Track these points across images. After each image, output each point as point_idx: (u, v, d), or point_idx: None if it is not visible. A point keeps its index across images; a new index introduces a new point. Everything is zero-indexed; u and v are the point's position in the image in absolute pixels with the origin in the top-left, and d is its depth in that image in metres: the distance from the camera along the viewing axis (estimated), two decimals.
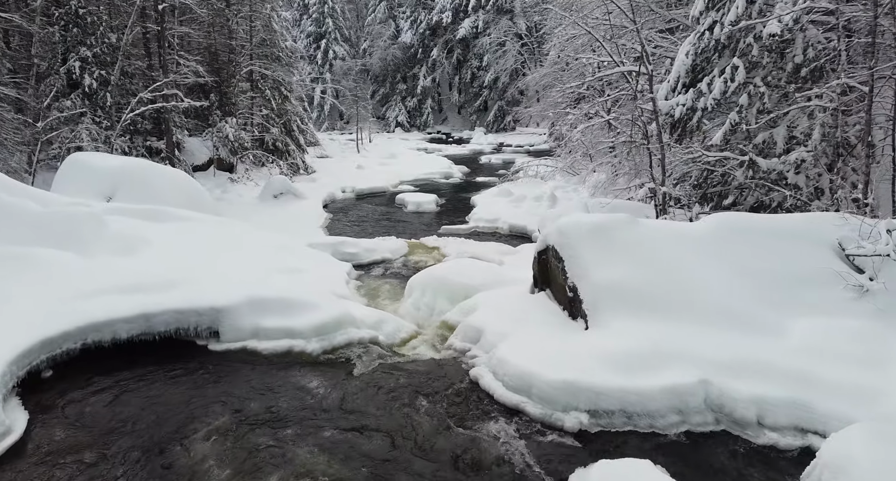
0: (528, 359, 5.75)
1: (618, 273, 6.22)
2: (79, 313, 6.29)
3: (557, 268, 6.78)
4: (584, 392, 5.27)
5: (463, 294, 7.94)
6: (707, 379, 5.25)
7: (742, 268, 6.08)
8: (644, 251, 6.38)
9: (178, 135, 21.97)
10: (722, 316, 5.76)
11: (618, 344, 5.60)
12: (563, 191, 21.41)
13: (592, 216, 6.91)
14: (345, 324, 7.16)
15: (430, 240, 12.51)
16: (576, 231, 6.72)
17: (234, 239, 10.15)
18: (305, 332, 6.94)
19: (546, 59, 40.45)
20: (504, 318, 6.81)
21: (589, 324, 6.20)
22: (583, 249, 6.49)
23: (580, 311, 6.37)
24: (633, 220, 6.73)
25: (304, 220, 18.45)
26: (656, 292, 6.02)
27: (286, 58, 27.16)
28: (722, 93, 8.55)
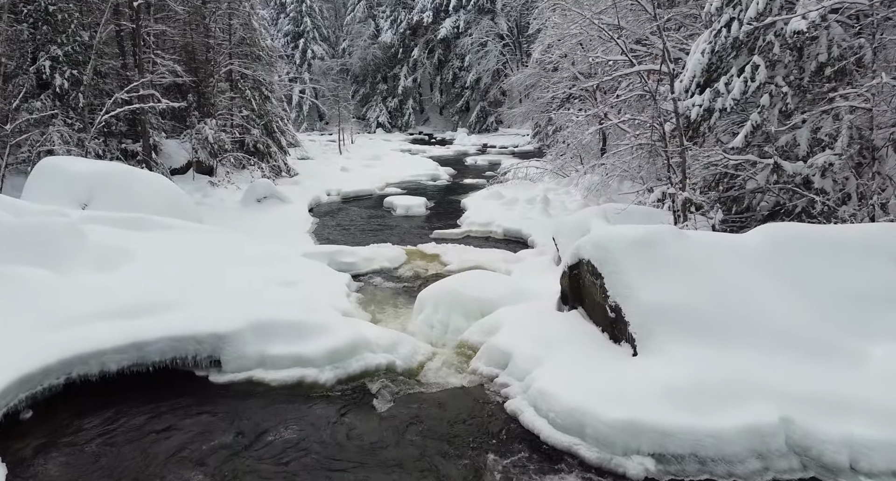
0: (575, 391, 5.15)
1: (669, 292, 5.64)
2: (61, 344, 5.55)
3: (594, 286, 6.23)
4: (647, 432, 4.66)
5: (478, 309, 7.38)
6: (788, 417, 4.66)
7: (804, 286, 5.56)
8: (695, 267, 5.82)
9: (155, 137, 21.06)
10: (791, 341, 5.21)
11: (678, 374, 5.01)
12: (554, 193, 21.01)
13: (634, 228, 6.31)
14: (360, 349, 6.51)
15: (428, 247, 11.94)
16: (617, 245, 6.08)
17: (224, 249, 9.47)
18: (317, 360, 6.27)
19: (530, 60, 40.17)
20: (534, 340, 6.23)
21: (637, 350, 5.60)
22: (626, 265, 5.90)
23: (625, 334, 5.78)
24: (679, 233, 6.19)
25: (291, 226, 17.74)
26: (714, 314, 5.45)
27: (266, 57, 26.33)
28: (742, 93, 8.15)
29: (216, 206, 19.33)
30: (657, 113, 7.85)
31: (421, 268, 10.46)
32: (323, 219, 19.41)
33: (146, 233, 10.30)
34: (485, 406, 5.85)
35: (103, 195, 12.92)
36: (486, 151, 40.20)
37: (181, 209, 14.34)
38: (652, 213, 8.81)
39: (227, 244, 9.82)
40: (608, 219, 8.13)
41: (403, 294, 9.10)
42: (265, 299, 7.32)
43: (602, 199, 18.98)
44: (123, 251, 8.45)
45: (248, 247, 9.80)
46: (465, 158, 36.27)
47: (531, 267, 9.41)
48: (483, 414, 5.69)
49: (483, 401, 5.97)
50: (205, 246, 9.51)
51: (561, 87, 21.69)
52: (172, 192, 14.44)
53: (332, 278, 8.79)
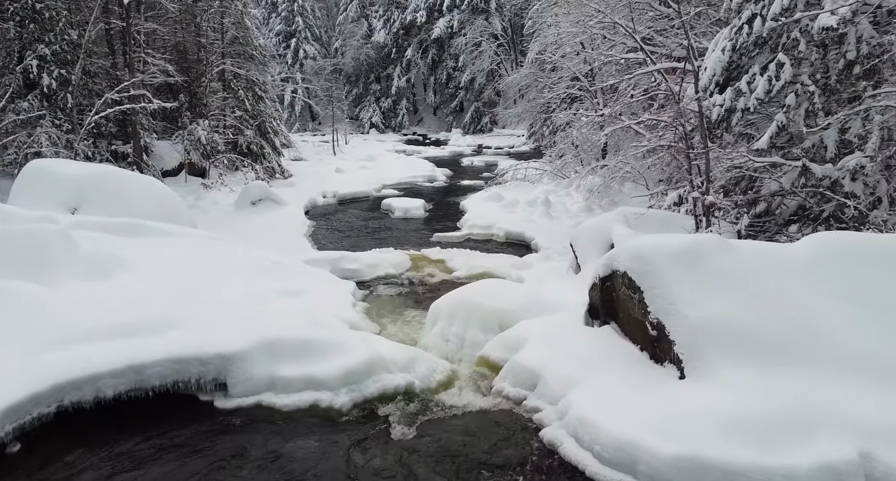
0: (621, 420, 4.67)
1: (719, 308, 5.13)
2: (52, 368, 5.04)
3: (631, 300, 5.75)
4: (710, 470, 4.10)
5: (497, 322, 6.96)
6: (868, 453, 4.11)
7: (870, 302, 5.06)
8: (746, 281, 5.34)
9: (146, 138, 20.53)
10: (863, 363, 4.70)
11: (737, 401, 4.49)
12: (555, 195, 20.66)
13: (675, 238, 5.85)
14: (376, 369, 6.02)
15: (433, 252, 11.52)
16: (657, 256, 5.55)
17: (223, 256, 9.03)
18: (332, 382, 5.78)
19: (525, 60, 39.84)
20: (564, 358, 5.77)
21: (685, 372, 5.10)
22: (668, 278, 5.39)
23: (669, 354, 5.30)
24: (725, 243, 5.73)
25: (287, 229, 17.28)
26: (772, 333, 4.96)
27: (260, 56, 25.82)
28: (766, 92, 7.80)
29: (210, 209, 18.84)
30: (679, 113, 7.48)
31: (427, 274, 10.04)
32: (320, 222, 18.96)
33: (140, 239, 9.84)
34: (516, 434, 5.37)
35: (93, 199, 12.42)
36: (482, 152, 39.85)
37: (174, 213, 13.85)
38: (670, 218, 8.44)
39: (225, 251, 9.37)
40: (629, 225, 7.75)
41: (411, 302, 8.68)
42: (270, 312, 6.88)
43: (604, 201, 18.67)
44: (117, 260, 7.99)
45: (247, 254, 9.35)
46: (461, 159, 35.90)
47: (544, 274, 8.98)
48: (515, 443, 5.21)
49: (513, 428, 5.49)
50: (202, 253, 9.06)
51: (561, 87, 21.34)
52: (165, 195, 13.95)
53: (336, 287, 8.36)
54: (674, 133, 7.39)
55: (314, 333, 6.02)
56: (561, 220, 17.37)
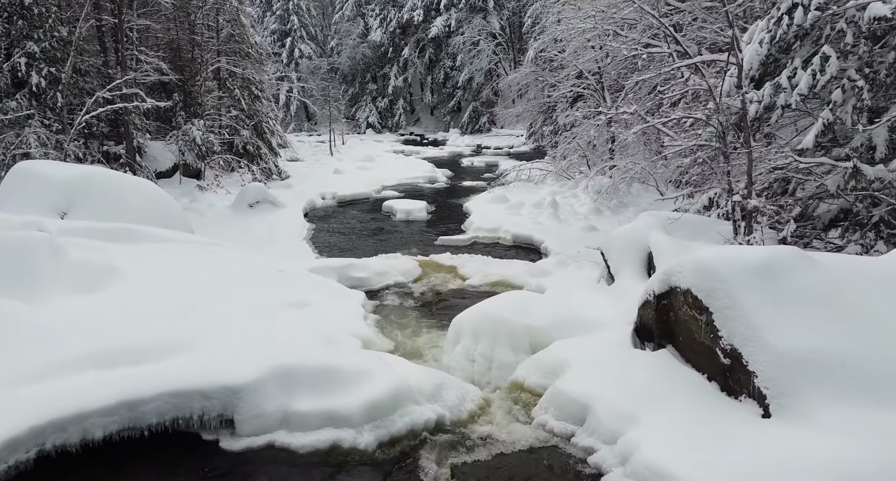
0: (703, 470, 3.89)
1: (810, 334, 4.43)
2: (32, 406, 4.32)
3: (696, 322, 5.06)
4: None
5: (528, 340, 6.35)
6: None
7: None
8: (835, 301, 4.64)
9: (139, 138, 19.87)
10: None
11: (846, 448, 3.68)
12: (561, 196, 20.12)
13: (749, 250, 5.19)
14: (403, 401, 5.31)
15: (443, 258, 10.93)
16: (730, 272, 4.82)
17: (223, 264, 8.44)
18: (354, 417, 5.07)
19: (525, 59, 39.30)
20: (616, 388, 5.10)
21: (771, 410, 4.36)
22: (744, 298, 4.68)
23: (748, 388, 4.57)
24: (807, 256, 5.05)
25: (286, 232, 16.68)
26: (875, 364, 4.21)
27: (256, 55, 25.19)
28: (809, 87, 7.26)
29: (206, 212, 18.21)
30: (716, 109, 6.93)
31: (438, 282, 9.44)
32: (320, 225, 18.36)
33: (133, 245, 9.23)
34: (568, 478, 4.69)
35: (84, 202, 11.79)
36: (481, 152, 39.31)
37: (169, 217, 13.23)
38: (703, 223, 7.86)
39: (225, 258, 8.78)
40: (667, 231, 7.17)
41: (425, 314, 8.07)
42: (277, 328, 6.29)
43: (613, 202, 18.15)
44: (109, 269, 7.39)
45: (248, 261, 8.76)
46: (461, 160, 35.34)
47: (567, 283, 8.38)
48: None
49: (564, 471, 4.78)
50: (201, 261, 8.46)
51: (567, 86, 20.80)
52: (159, 198, 13.33)
53: (344, 297, 7.77)
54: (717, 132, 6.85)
55: (332, 359, 5.33)
56: (569, 223, 16.83)
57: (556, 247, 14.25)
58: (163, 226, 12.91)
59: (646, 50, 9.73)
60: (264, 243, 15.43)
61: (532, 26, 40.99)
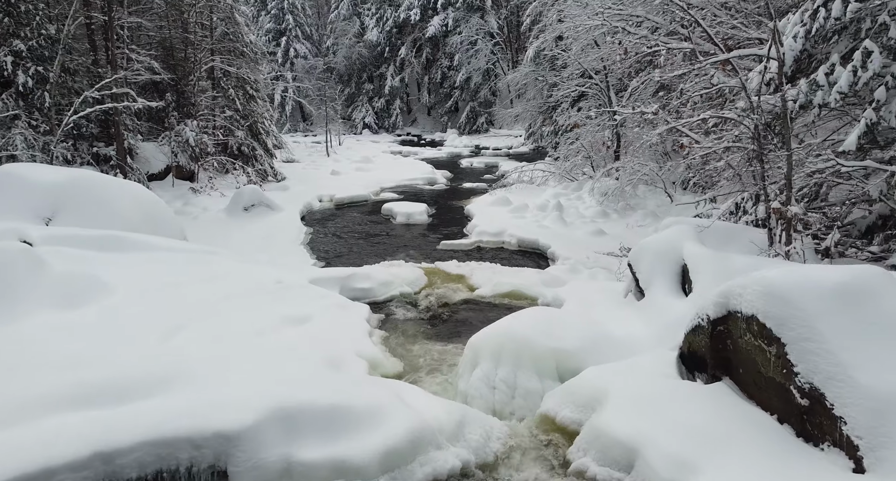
0: None
1: None
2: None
3: (762, 353, 4.36)
4: None
5: (554, 364, 5.75)
6: None
7: None
8: None
9: (131, 139, 19.26)
10: None
11: None
12: (565, 198, 19.64)
13: (826, 271, 4.48)
14: (423, 445, 4.60)
15: (450, 266, 10.37)
16: (806, 295, 4.11)
17: (217, 276, 7.89)
18: (368, 467, 4.33)
19: (524, 58, 38.79)
20: (668, 428, 4.37)
21: (865, 464, 3.67)
22: (825, 327, 3.98)
23: (834, 436, 3.90)
24: (893, 277, 4.41)
25: (283, 237, 16.13)
26: None
27: (251, 53, 24.60)
28: (850, 84, 6.76)
29: (199, 216, 17.64)
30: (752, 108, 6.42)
31: (446, 292, 8.89)
32: (317, 229, 17.81)
33: (122, 254, 8.67)
34: None
35: (70, 208, 11.18)
36: (480, 153, 38.80)
37: (161, 222, 12.65)
38: (733, 231, 7.26)
39: (220, 268, 8.23)
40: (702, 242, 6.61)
41: (435, 329, 7.51)
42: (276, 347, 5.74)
43: (620, 205, 17.67)
44: (94, 283, 6.83)
45: (245, 271, 8.22)
46: (460, 161, 34.81)
47: (586, 294, 7.78)
48: None
49: None
50: (194, 272, 7.91)
51: (571, 85, 20.31)
52: (150, 203, 12.74)
53: (347, 311, 7.23)
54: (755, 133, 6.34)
55: (341, 397, 4.59)
56: (575, 226, 16.34)
57: (564, 252, 13.75)
58: (154, 232, 12.34)
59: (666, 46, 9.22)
60: (260, 249, 14.89)
61: (531, 25, 40.49)
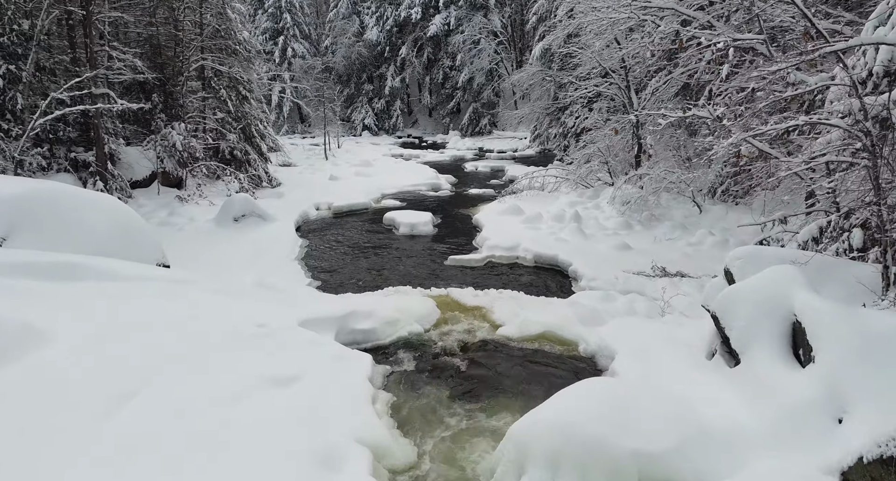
0: None
1: None
2: None
3: None
4: None
5: (636, 475, 4.15)
6: None
7: None
8: None
9: (112, 144, 17.81)
10: None
11: None
12: (582, 207, 18.18)
13: None
14: None
15: (465, 294, 8.87)
16: None
17: (187, 316, 6.46)
18: None
19: (531, 56, 37.38)
20: None
21: None
22: None
23: None
24: None
25: (275, 252, 14.68)
26: None
27: (244, 52, 23.16)
28: None
29: (185, 227, 16.19)
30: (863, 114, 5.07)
31: (464, 331, 7.38)
32: (313, 241, 16.37)
33: (76, 286, 7.24)
34: None
35: (28, 226, 9.73)
36: (485, 156, 37.36)
37: (136, 239, 11.20)
38: (830, 267, 5.65)
39: (192, 307, 6.79)
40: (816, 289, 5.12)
41: (453, 388, 5.85)
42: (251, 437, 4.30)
43: (644, 215, 16.24)
44: (25, 333, 5.39)
45: (222, 310, 6.78)
46: (464, 164, 33.36)
47: (643, 341, 6.08)
48: None
49: None
50: (160, 311, 6.47)
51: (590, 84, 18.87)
52: (124, 218, 11.27)
53: (345, 366, 5.74)
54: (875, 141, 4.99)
55: None
56: (597, 239, 14.90)
57: (588, 270, 12.33)
58: (127, 251, 10.90)
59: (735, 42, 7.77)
60: (250, 265, 13.46)
61: (537, 23, 39.15)
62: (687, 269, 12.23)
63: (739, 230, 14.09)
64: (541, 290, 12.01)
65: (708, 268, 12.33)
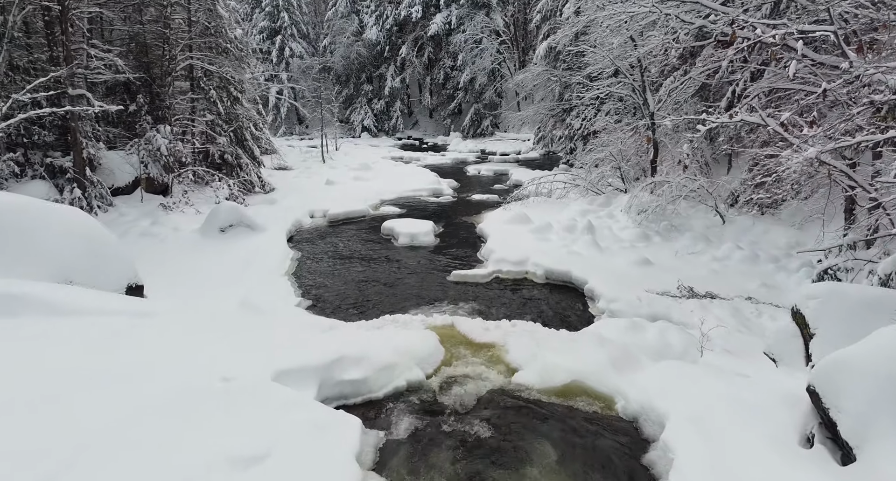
0: None
1: None
2: None
3: None
4: None
5: None
6: None
7: None
8: None
9: (92, 149, 16.64)
10: None
11: None
12: (594, 216, 17.02)
13: None
14: None
15: (474, 327, 7.59)
16: None
17: (139, 365, 5.29)
18: None
19: (535, 55, 36.18)
20: None
21: None
22: None
23: None
24: None
25: (263, 266, 13.53)
26: None
27: (236, 50, 21.99)
28: None
29: (167, 238, 15.02)
30: None
31: (474, 378, 6.05)
32: (306, 253, 15.21)
33: (9, 323, 6.08)
34: None
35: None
36: (487, 159, 36.18)
37: (105, 259, 10.05)
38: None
39: (149, 352, 5.63)
40: None
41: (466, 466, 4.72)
42: None
43: (662, 225, 15.06)
44: None
45: (186, 354, 5.62)
46: (466, 167, 32.17)
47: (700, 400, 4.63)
48: None
49: None
50: (105, 359, 5.31)
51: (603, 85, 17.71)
52: (92, 234, 10.11)
53: (328, 438, 4.44)
54: None
55: None
56: (613, 252, 13.73)
57: (606, 290, 11.17)
58: (94, 273, 9.75)
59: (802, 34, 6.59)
60: (235, 281, 12.31)
61: (541, 22, 37.97)
62: (716, 289, 11.06)
63: (770, 245, 12.92)
64: (555, 312, 10.86)
65: (739, 287, 11.17)
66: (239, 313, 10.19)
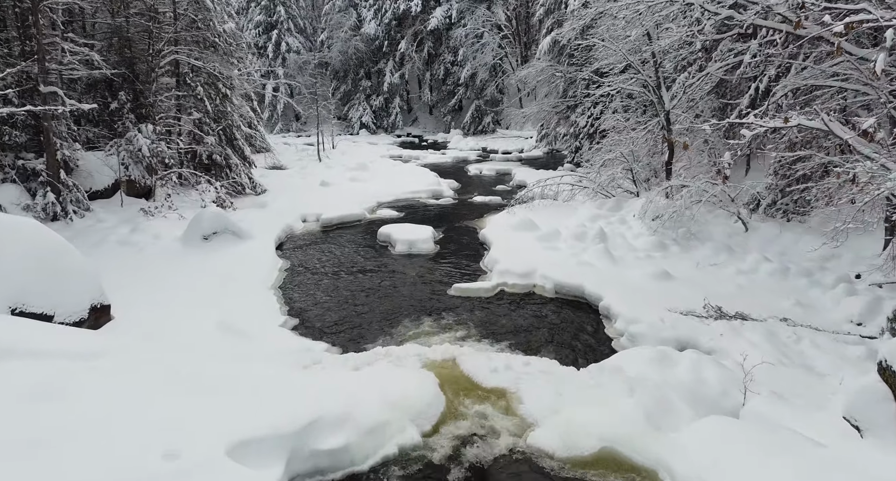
0: None
1: None
2: None
3: None
4: None
5: None
6: None
7: None
8: None
9: (67, 150, 15.54)
10: None
11: None
12: (605, 221, 15.93)
13: None
14: None
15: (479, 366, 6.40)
16: None
17: (61, 441, 4.23)
18: None
19: (538, 51, 35.03)
20: None
21: None
22: None
23: None
24: None
25: (248, 278, 12.44)
26: None
27: (224, 45, 20.84)
28: None
29: (146, 248, 13.92)
30: None
31: (481, 440, 5.01)
32: (296, 263, 14.14)
33: None
34: None
35: None
36: (489, 157, 35.03)
37: (65, 278, 9.01)
38: None
39: (78, 416, 4.57)
40: None
41: None
42: None
43: (680, 232, 13.96)
44: None
45: (125, 419, 4.55)
46: (467, 166, 31.03)
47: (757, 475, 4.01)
48: None
49: None
50: (15, 425, 4.26)
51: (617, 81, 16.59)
52: (50, 250, 9.08)
53: None
54: None
55: None
56: (627, 263, 12.65)
57: (624, 308, 10.10)
58: (52, 294, 8.73)
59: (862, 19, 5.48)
60: (216, 298, 11.23)
61: (544, 16, 36.80)
62: (745, 307, 9.98)
63: (801, 257, 11.82)
64: (569, 335, 9.79)
65: (771, 306, 10.09)
66: (214, 337, 9.15)
